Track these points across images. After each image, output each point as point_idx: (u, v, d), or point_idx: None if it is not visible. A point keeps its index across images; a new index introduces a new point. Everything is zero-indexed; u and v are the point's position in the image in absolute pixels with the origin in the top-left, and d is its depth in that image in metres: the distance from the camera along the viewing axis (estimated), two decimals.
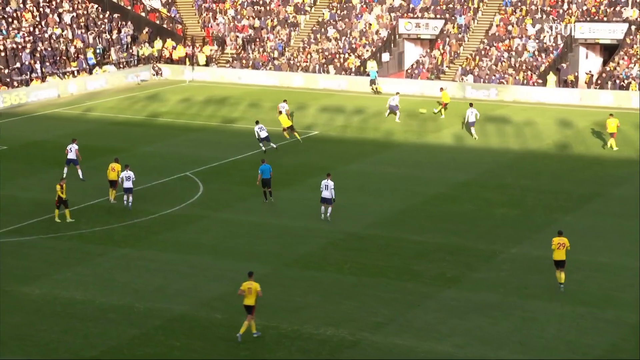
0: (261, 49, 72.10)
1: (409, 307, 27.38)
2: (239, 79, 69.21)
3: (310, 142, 50.14)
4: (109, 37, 71.65)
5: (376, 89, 64.49)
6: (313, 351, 24.51)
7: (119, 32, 72.90)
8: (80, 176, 41.28)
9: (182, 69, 70.60)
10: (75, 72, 66.21)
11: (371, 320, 26.48)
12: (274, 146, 46.69)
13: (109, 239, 33.39)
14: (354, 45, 70.19)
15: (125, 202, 37.01)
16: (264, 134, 46.28)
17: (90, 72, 67.21)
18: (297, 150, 47.91)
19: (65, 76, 65.18)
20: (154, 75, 70.84)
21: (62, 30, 69.25)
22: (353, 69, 67.75)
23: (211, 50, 73.16)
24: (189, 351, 24.43)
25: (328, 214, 35.45)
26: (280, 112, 50.85)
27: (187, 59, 71.34)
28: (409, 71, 68.03)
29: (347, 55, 69.04)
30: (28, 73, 62.72)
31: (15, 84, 61.27)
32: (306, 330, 25.73)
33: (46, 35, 67.49)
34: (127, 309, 27.06)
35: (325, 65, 68.65)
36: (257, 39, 73.39)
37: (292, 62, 69.81)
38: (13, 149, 47.38)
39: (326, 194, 35.33)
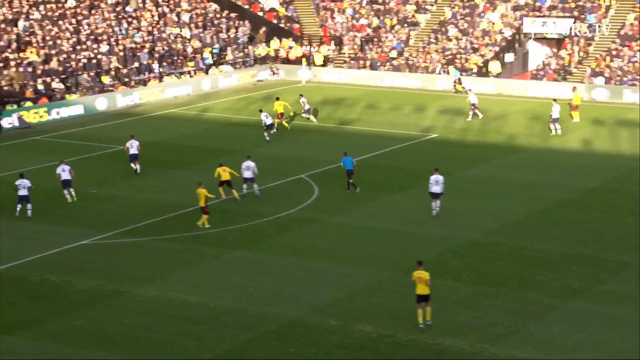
0: (379, 49, 72.06)
1: (532, 318, 26.84)
2: (356, 80, 69.34)
3: (428, 145, 49.83)
4: (226, 36, 72.89)
5: (461, 88, 63.94)
6: None
7: (236, 31, 74.07)
8: (137, 170, 42.87)
9: (298, 69, 71.19)
10: (192, 72, 67.61)
11: (491, 331, 26.07)
12: (274, 131, 50.13)
13: (223, 242, 33.89)
14: (475, 45, 69.41)
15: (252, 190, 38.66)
16: (269, 122, 49.40)
17: (207, 72, 68.48)
18: (415, 153, 47.69)
19: (182, 76, 66.60)
20: (270, 75, 71.66)
21: (180, 30, 70.82)
22: (475, 70, 67.00)
23: (328, 50, 73.54)
24: (302, 357, 24.56)
25: (438, 208, 36.22)
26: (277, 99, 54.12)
27: (303, 59, 71.91)
28: (534, 72, 66.85)
29: (468, 56, 68.34)
30: (146, 73, 64.37)
31: (133, 83, 62.96)
32: (423, 340, 25.52)
33: (164, 35, 69.15)
34: (241, 312, 27.40)
35: (445, 66, 68.10)
36: (376, 39, 73.39)
37: (410, 62, 69.54)
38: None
39: (437, 188, 36.06)
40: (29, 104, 55.40)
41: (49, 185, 40.99)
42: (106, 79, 61.56)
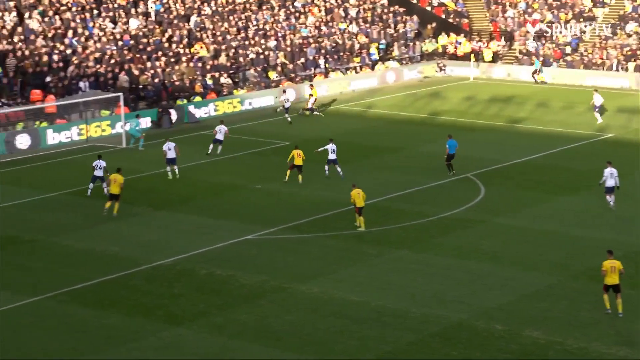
0: (552, 45, 70.54)
1: None
2: (528, 77, 68.11)
3: (603, 145, 48.48)
4: (393, 31, 73.09)
5: (539, 79, 63.96)
6: None
7: (404, 26, 74.15)
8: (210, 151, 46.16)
9: (466, 66, 70.58)
10: (358, 68, 68.13)
11: None
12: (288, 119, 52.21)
13: (386, 240, 34.06)
14: None
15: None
16: (287, 105, 52.01)
17: (373, 68, 68.87)
18: (588, 154, 46.52)
19: (348, 72, 67.24)
20: (437, 71, 71.36)
21: (347, 25, 71.54)
22: None
23: (498, 45, 72.58)
24: None
25: (613, 203, 36.32)
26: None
27: (472, 55, 71.24)
28: None
29: None
30: (312, 69, 65.35)
31: (299, 79, 64.02)
32: (594, 349, 24.91)
33: (332, 30, 70.01)
34: (403, 313, 27.49)
35: (624, 63, 65.97)
36: (549, 34, 71.86)
37: (586, 59, 67.73)
38: (294, 145, 49.42)
39: (611, 182, 36.34)
40: (197, 98, 57.27)
41: (215, 180, 42.29)
42: (273, 75, 62.88)
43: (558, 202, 38.42)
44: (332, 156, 41.62)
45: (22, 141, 48.35)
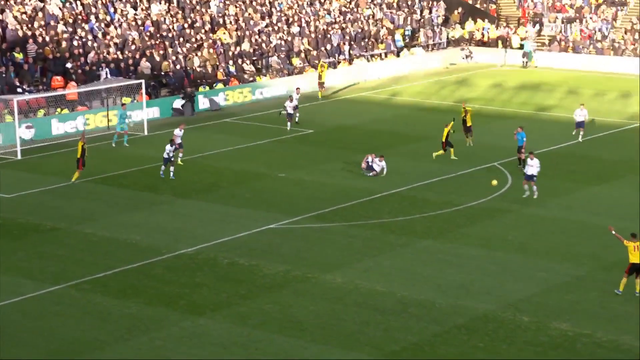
0: (582, 31, 70.07)
1: None
2: (556, 63, 67.74)
3: (633, 133, 48.21)
4: (419, 17, 72.85)
5: (526, 63, 65.04)
6: None
7: (430, 12, 73.90)
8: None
9: (493, 52, 70.25)
10: (383, 55, 68.00)
11: None
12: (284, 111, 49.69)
13: (411, 230, 34.06)
14: None
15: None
16: (290, 110, 49.15)
17: (398, 55, 68.71)
18: (618, 142, 46.28)
19: (373, 58, 67.12)
20: (464, 58, 71.11)
21: (373, 11, 71.37)
22: None
23: (526, 31, 72.18)
24: (493, 353, 24.41)
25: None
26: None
27: (499, 41, 70.89)
28: None
29: None
30: (336, 55, 65.28)
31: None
32: (624, 342, 24.83)
33: (357, 16, 69.87)
34: (429, 304, 27.50)
35: None
36: (578, 19, 71.40)
37: (617, 44, 67.26)
38: (318, 133, 49.53)
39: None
40: (220, 86, 57.32)
41: (238, 168, 42.40)
42: (296, 61, 62.87)
43: (587, 192, 38.25)
44: None
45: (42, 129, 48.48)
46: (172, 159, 40.68)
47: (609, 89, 59.30)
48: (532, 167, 36.72)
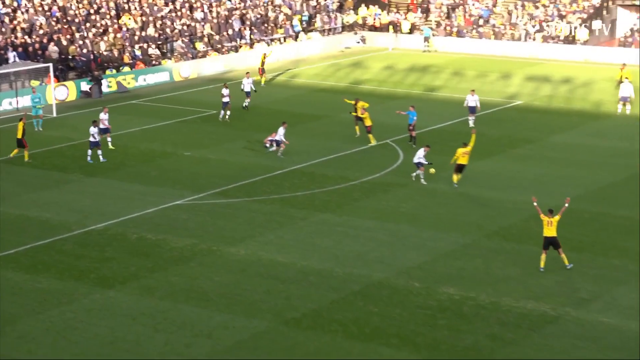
0: (465, 16, 71.08)
1: (616, 284, 26.46)
2: (442, 47, 68.60)
3: (513, 112, 49.21)
4: (315, 3, 72.77)
5: (428, 47, 66.72)
6: (512, 324, 24.20)
7: None
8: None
9: (385, 37, 70.75)
10: (282, 39, 67.79)
11: (574, 296, 25.83)
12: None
13: (310, 204, 34.13)
14: (563, 12, 67.94)
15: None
16: (226, 99, 46.72)
17: (296, 39, 68.59)
18: (500, 120, 47.18)
19: (272, 42, 66.84)
20: (357, 42, 71.39)
21: None
22: (561, 37, 65.66)
23: (415, 17, 72.88)
24: (386, 318, 24.70)
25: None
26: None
27: (390, 26, 71.41)
28: (622, 40, 65.19)
29: (556, 23, 66.96)
30: (237, 40, 64.80)
31: (225, 50, 63.42)
32: (505, 303, 25.42)
33: (257, 2, 69.41)
34: (327, 273, 27.64)
35: (532, 33, 66.87)
36: (462, 6, 72.40)
37: (497, 29, 68.47)
38: (220, 113, 49.10)
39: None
40: (126, 69, 56.35)
41: (145, 147, 41.78)
42: (199, 46, 62.19)
43: (473, 167, 38.83)
44: None
45: None
46: (99, 142, 39.48)
47: (490, 71, 60.37)
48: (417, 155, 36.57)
